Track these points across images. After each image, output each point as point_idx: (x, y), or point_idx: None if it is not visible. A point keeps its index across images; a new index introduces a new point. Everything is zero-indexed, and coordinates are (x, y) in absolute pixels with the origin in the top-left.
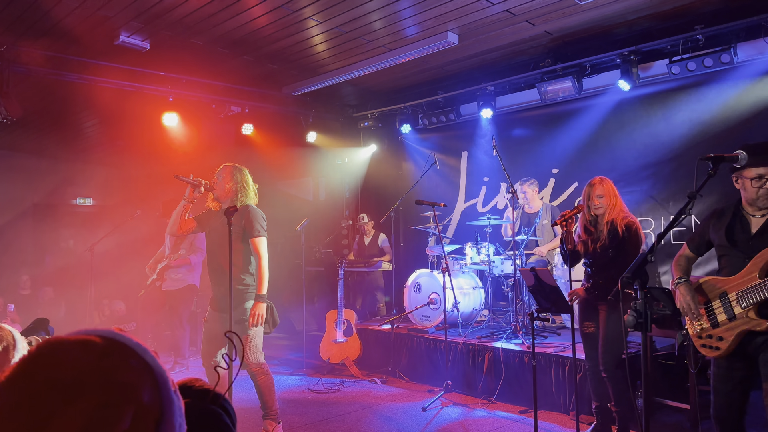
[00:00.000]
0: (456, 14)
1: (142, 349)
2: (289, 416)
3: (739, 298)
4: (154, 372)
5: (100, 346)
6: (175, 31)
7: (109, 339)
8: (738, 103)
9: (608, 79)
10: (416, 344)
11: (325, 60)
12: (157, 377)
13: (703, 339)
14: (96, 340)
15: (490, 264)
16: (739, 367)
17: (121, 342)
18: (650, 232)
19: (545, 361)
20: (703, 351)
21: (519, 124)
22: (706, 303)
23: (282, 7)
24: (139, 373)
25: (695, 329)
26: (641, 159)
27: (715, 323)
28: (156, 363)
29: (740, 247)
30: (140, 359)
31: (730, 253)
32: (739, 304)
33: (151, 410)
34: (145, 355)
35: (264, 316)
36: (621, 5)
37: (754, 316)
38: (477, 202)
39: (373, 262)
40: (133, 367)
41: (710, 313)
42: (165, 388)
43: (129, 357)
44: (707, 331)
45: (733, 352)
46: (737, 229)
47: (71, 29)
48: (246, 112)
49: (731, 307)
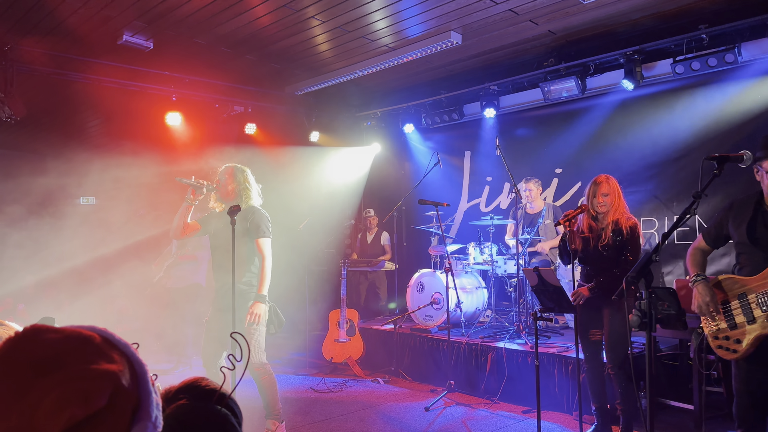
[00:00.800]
0: (459, 14)
1: (124, 344)
2: (292, 416)
3: (760, 300)
4: (133, 364)
5: (84, 335)
6: (178, 30)
7: (95, 331)
8: (742, 103)
9: (612, 78)
10: (419, 344)
11: (328, 59)
12: (137, 369)
13: (719, 340)
14: (82, 331)
15: (493, 264)
16: (759, 369)
17: (105, 335)
18: (654, 233)
19: (548, 361)
20: (720, 352)
21: (522, 124)
22: (724, 302)
23: (285, 7)
24: (120, 362)
25: (711, 329)
26: (645, 159)
27: (732, 324)
28: (137, 357)
29: (762, 245)
30: (122, 351)
31: (751, 251)
32: (759, 306)
33: (129, 396)
34: (126, 349)
35: (261, 315)
36: (625, 4)
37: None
38: (480, 201)
39: (375, 261)
40: (114, 356)
41: (728, 314)
42: (143, 380)
43: (111, 347)
44: (724, 332)
45: (751, 354)
46: (759, 226)
47: (75, 29)
48: (249, 111)
49: (751, 309)
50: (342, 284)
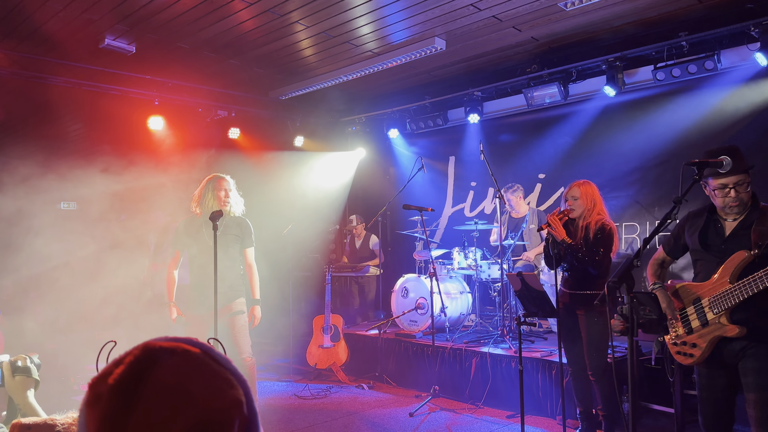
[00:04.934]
0: (443, 20)
1: (226, 359)
2: (275, 423)
3: (712, 303)
4: (240, 381)
5: (195, 354)
6: (160, 34)
7: (202, 348)
8: (722, 109)
9: (594, 85)
10: (403, 349)
11: (312, 64)
12: (243, 386)
13: (678, 346)
14: (190, 348)
15: (478, 269)
16: (721, 374)
17: (213, 354)
18: (636, 237)
19: (532, 366)
20: (678, 358)
21: (506, 130)
22: (681, 309)
23: (269, 12)
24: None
25: (670, 336)
26: (627, 164)
27: (689, 330)
28: (239, 372)
29: (714, 251)
30: (233, 372)
31: (705, 257)
32: (711, 310)
33: (246, 421)
34: (228, 365)
35: (259, 318)
36: (606, 12)
37: (725, 321)
38: (464, 206)
39: (360, 267)
40: (228, 377)
41: (685, 320)
42: (250, 397)
43: (221, 366)
44: (682, 337)
45: (711, 359)
46: (711, 233)
47: (55, 32)
48: (233, 116)
49: (704, 313)
50: (327, 289)
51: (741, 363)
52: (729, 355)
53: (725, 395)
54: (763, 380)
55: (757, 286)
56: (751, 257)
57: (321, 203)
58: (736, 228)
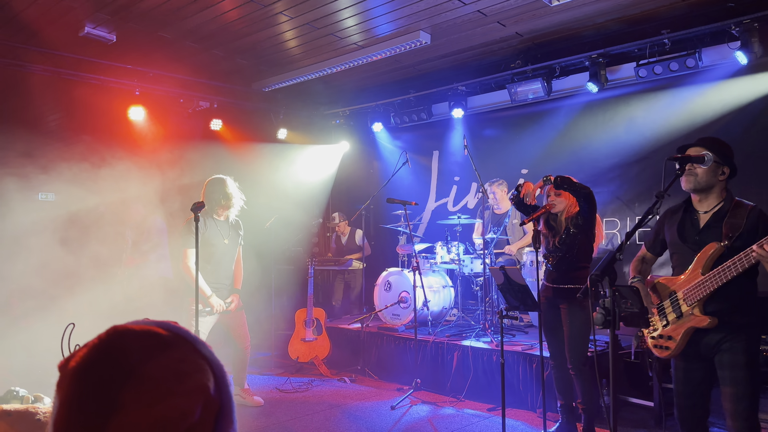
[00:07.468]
0: (428, 14)
1: (201, 342)
2: (256, 416)
3: (686, 296)
4: (213, 365)
5: (164, 337)
6: (142, 23)
7: (172, 331)
8: (703, 106)
9: (577, 81)
10: (386, 343)
11: (296, 56)
12: (216, 371)
13: (655, 339)
14: (160, 331)
15: (460, 263)
16: (697, 368)
17: (183, 335)
18: (617, 233)
19: (513, 359)
20: (656, 351)
21: (490, 125)
22: (659, 303)
23: (253, 2)
24: (206, 369)
25: (648, 329)
26: (608, 160)
27: (666, 323)
28: (214, 356)
29: (689, 243)
30: (204, 356)
31: (681, 250)
32: (685, 302)
33: (214, 404)
34: (203, 349)
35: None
36: (590, 8)
37: (699, 313)
38: (448, 201)
39: (343, 260)
40: (197, 361)
41: (662, 313)
42: (224, 382)
43: (192, 350)
44: (659, 331)
45: (687, 352)
46: (687, 226)
47: (34, 20)
48: (215, 107)
49: (679, 305)
50: (309, 283)
51: (717, 356)
52: (705, 349)
53: (701, 389)
54: (737, 374)
55: (726, 276)
56: (722, 248)
57: (304, 196)
58: (710, 220)
